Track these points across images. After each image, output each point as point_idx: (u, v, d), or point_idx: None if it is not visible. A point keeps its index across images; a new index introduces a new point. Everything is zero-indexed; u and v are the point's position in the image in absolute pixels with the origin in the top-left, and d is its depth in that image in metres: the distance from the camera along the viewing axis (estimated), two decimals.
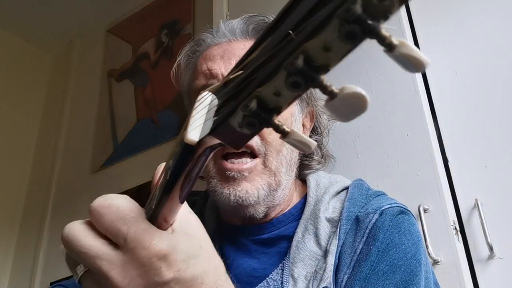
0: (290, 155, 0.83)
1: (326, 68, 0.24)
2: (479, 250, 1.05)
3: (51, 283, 2.10)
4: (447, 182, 1.13)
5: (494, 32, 1.22)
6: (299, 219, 0.83)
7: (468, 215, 1.09)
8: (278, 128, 0.27)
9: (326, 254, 0.75)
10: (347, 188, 0.86)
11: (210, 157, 0.36)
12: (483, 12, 1.25)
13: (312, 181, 0.89)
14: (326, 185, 0.87)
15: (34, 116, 2.82)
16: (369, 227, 0.75)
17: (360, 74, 1.31)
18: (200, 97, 0.35)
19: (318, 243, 0.77)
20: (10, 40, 2.81)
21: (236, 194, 0.77)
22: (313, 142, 0.28)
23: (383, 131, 1.24)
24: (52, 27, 2.84)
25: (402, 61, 0.24)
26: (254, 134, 0.29)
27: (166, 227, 0.44)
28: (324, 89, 0.25)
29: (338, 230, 0.76)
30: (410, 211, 0.82)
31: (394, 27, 0.25)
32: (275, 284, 0.77)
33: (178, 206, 0.42)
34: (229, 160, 0.78)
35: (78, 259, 0.44)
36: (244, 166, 0.77)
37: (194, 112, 0.34)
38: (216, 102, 0.32)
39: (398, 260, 0.71)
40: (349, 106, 0.25)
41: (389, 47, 0.23)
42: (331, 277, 0.72)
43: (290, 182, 0.85)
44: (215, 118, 0.31)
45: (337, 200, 0.84)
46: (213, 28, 0.92)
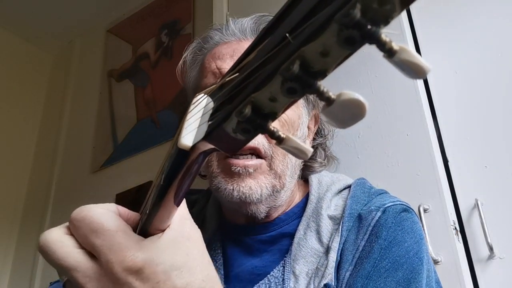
0: (295, 159, 0.83)
1: (323, 74, 0.24)
2: (479, 250, 1.04)
3: (51, 283, 2.10)
4: (447, 182, 1.13)
5: (494, 32, 1.22)
6: (301, 217, 0.83)
7: (468, 215, 1.08)
8: (273, 135, 0.27)
9: (328, 251, 0.75)
10: (349, 186, 0.86)
11: (205, 162, 0.35)
12: (483, 12, 1.25)
13: (314, 179, 0.89)
14: (328, 183, 0.87)
15: (34, 116, 2.82)
16: (371, 224, 0.75)
17: (360, 75, 1.31)
18: (195, 99, 0.34)
19: (320, 240, 0.77)
20: (10, 40, 2.80)
21: (239, 190, 0.76)
22: (309, 149, 0.27)
23: (383, 131, 1.23)
24: (52, 27, 2.83)
25: (402, 67, 0.23)
26: (248, 140, 0.28)
27: (160, 231, 0.44)
28: (321, 95, 0.24)
29: (340, 227, 0.76)
30: (412, 209, 0.82)
31: (395, 32, 0.25)
32: (276, 281, 0.77)
33: (173, 210, 0.42)
34: (234, 157, 0.78)
35: (56, 268, 0.44)
36: (249, 162, 0.77)
37: (189, 116, 0.33)
38: (211, 105, 0.32)
39: (400, 257, 0.71)
40: (347, 113, 0.24)
41: (389, 52, 0.23)
42: (333, 274, 0.72)
43: (292, 184, 0.85)
44: (210, 122, 0.30)
45: (339, 198, 0.84)
46: (222, 26, 0.90)
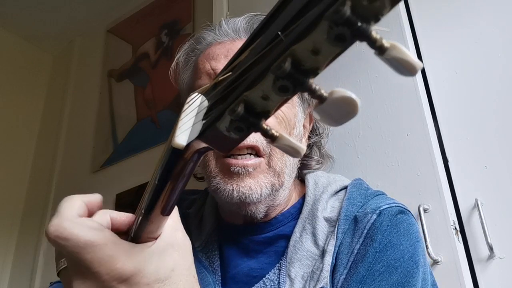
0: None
1: (314, 72, 0.23)
2: (479, 250, 1.04)
3: (51, 283, 2.10)
4: (447, 182, 1.13)
5: (494, 32, 1.21)
6: (298, 218, 0.82)
7: (468, 215, 1.08)
8: (266, 133, 0.27)
9: (323, 254, 0.74)
10: (346, 187, 0.85)
11: (200, 160, 0.35)
12: (483, 12, 1.25)
13: (310, 180, 0.88)
14: (324, 184, 0.87)
15: (34, 116, 2.82)
16: (367, 227, 0.74)
17: (360, 74, 1.31)
18: (189, 98, 0.34)
19: (316, 242, 0.77)
20: (10, 40, 2.81)
21: (239, 190, 0.76)
22: (302, 147, 0.27)
23: (383, 131, 1.23)
24: (52, 27, 2.83)
25: (393, 64, 0.23)
26: (242, 139, 0.28)
27: (152, 238, 0.44)
28: (313, 93, 0.24)
29: (336, 229, 0.76)
30: (409, 211, 0.81)
31: (386, 29, 0.25)
32: (272, 284, 0.76)
33: (165, 218, 0.42)
34: (232, 157, 0.77)
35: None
36: (248, 162, 0.76)
37: (183, 115, 0.33)
38: (206, 104, 0.32)
39: (395, 261, 0.71)
40: (339, 110, 0.24)
41: (379, 50, 0.22)
42: (328, 277, 0.71)
43: (290, 183, 0.84)
44: (204, 121, 0.30)
45: (335, 200, 0.83)
46: (214, 26, 0.90)
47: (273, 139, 0.27)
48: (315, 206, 0.81)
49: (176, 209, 0.49)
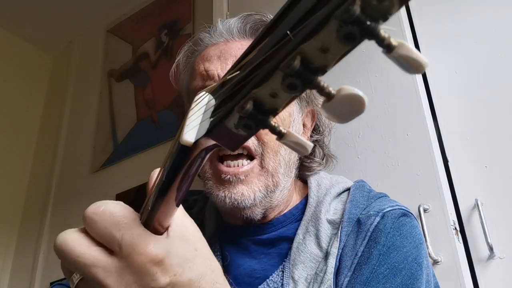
0: (288, 156, 0.82)
1: (323, 70, 0.24)
2: (479, 250, 1.05)
3: (51, 283, 2.10)
4: (447, 182, 1.13)
5: (494, 32, 1.22)
6: (300, 220, 0.82)
7: (468, 215, 1.08)
8: (274, 130, 0.27)
9: (327, 256, 0.74)
10: (348, 189, 0.85)
11: (207, 158, 0.35)
12: (483, 12, 1.25)
13: (313, 182, 0.88)
14: (327, 186, 0.86)
15: (34, 116, 2.82)
16: (370, 229, 0.74)
17: (360, 74, 1.31)
18: (197, 97, 0.35)
19: (319, 245, 0.77)
20: (10, 40, 2.81)
21: (231, 197, 0.76)
22: (309, 144, 0.28)
23: (383, 131, 1.23)
24: (52, 27, 2.83)
25: (401, 62, 0.23)
26: (250, 135, 0.29)
27: (162, 231, 0.44)
28: (321, 90, 0.24)
29: (339, 232, 0.76)
30: (412, 214, 0.81)
31: (393, 28, 0.25)
32: (275, 286, 0.76)
33: (174, 209, 0.42)
34: (225, 163, 0.77)
35: (73, 268, 0.44)
36: (240, 170, 0.76)
37: (191, 113, 0.33)
38: (213, 102, 0.32)
39: (399, 263, 0.71)
40: (346, 108, 0.24)
41: (388, 48, 0.23)
42: (332, 279, 0.71)
43: (289, 183, 0.84)
44: (212, 119, 0.30)
45: (338, 202, 0.83)
46: (211, 27, 0.91)
47: (280, 136, 0.27)
48: (318, 208, 0.81)
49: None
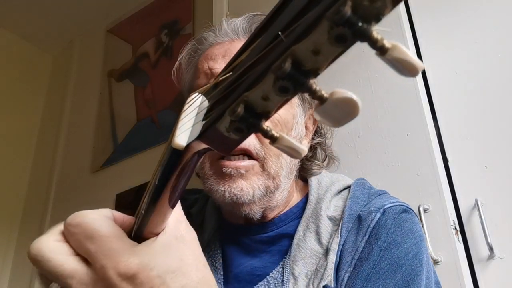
0: (291, 158, 0.82)
1: (315, 72, 0.23)
2: (479, 250, 1.04)
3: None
4: (447, 182, 1.13)
5: (494, 32, 1.21)
6: (301, 217, 0.82)
7: (468, 215, 1.08)
8: (266, 134, 0.26)
9: (327, 252, 0.74)
10: (349, 186, 0.85)
11: (200, 161, 0.35)
12: (483, 12, 1.25)
13: (313, 180, 0.88)
14: (328, 183, 0.87)
15: (34, 116, 2.82)
16: (371, 225, 0.74)
17: (360, 74, 1.31)
18: (189, 99, 0.34)
19: (319, 241, 0.77)
20: (10, 40, 2.81)
21: (231, 191, 0.75)
22: (303, 149, 0.27)
23: (383, 131, 1.23)
24: (52, 27, 2.83)
25: (394, 65, 0.23)
26: (242, 139, 0.28)
27: (155, 234, 0.44)
28: (314, 93, 0.24)
29: (340, 228, 0.76)
30: (412, 210, 0.81)
31: (388, 29, 0.25)
32: (276, 282, 0.76)
33: (168, 211, 0.42)
34: (226, 158, 0.77)
35: (49, 277, 0.44)
36: (241, 164, 0.76)
37: (183, 115, 0.33)
38: (206, 104, 0.31)
39: (399, 259, 0.71)
40: (340, 111, 0.24)
41: (381, 50, 0.22)
42: (332, 275, 0.71)
43: (289, 184, 0.84)
44: (204, 121, 0.30)
45: (339, 199, 0.83)
46: (214, 26, 0.90)
47: (273, 140, 0.27)
48: (319, 205, 0.81)
49: (179, 202, 0.49)
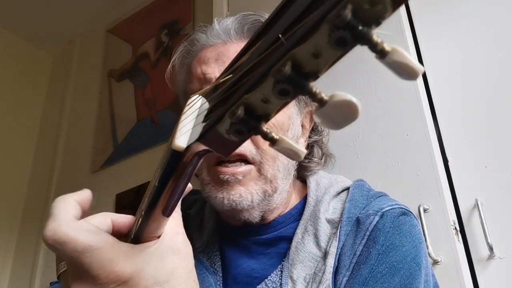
0: (287, 160, 0.82)
1: (315, 75, 0.23)
2: (479, 250, 1.04)
3: (51, 283, 2.10)
4: (447, 182, 1.13)
5: (494, 32, 1.21)
6: (299, 219, 0.82)
7: (468, 215, 1.08)
8: (266, 136, 0.26)
9: (325, 255, 0.74)
10: (347, 188, 0.85)
11: (200, 162, 0.35)
12: (483, 12, 1.25)
13: (312, 181, 0.88)
14: (326, 185, 0.86)
15: (34, 116, 2.82)
16: (369, 229, 0.74)
17: (360, 74, 1.31)
18: (190, 101, 0.34)
19: (318, 244, 0.76)
20: (10, 40, 2.81)
21: (229, 198, 0.75)
22: (302, 151, 0.27)
23: (383, 131, 1.23)
24: (52, 27, 2.83)
25: (394, 68, 0.23)
26: (242, 141, 0.28)
27: (154, 236, 0.44)
28: (314, 96, 0.24)
29: (338, 231, 0.75)
30: (411, 213, 0.81)
31: (389, 33, 0.25)
32: (274, 285, 0.76)
33: (166, 219, 0.42)
34: (223, 165, 0.77)
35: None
36: (238, 170, 0.76)
37: (183, 117, 0.33)
38: (206, 106, 0.32)
39: (397, 262, 0.71)
40: (340, 114, 0.24)
41: (381, 53, 0.22)
42: (331, 279, 0.71)
43: (287, 185, 0.83)
44: (204, 123, 0.30)
45: (337, 201, 0.83)
46: (207, 27, 0.89)
47: (273, 142, 0.27)
48: (317, 208, 0.81)
49: (179, 212, 0.49)
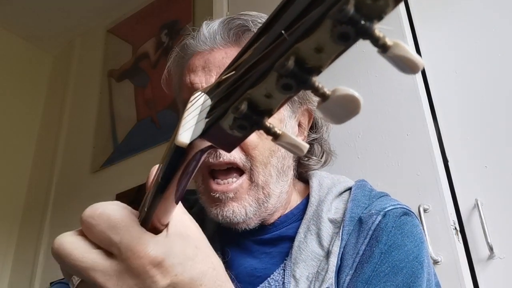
0: (281, 163, 0.82)
1: (318, 70, 0.24)
2: (479, 250, 1.04)
3: (51, 283, 2.10)
4: (447, 182, 1.13)
5: (495, 32, 1.22)
6: (301, 219, 0.82)
7: (468, 215, 1.08)
8: (269, 131, 0.27)
9: (328, 255, 0.75)
10: (350, 188, 0.85)
11: (203, 158, 0.35)
12: (483, 12, 1.25)
13: (315, 181, 0.88)
14: (329, 185, 0.87)
15: (34, 116, 2.82)
16: (372, 228, 0.75)
17: (360, 74, 1.31)
18: (192, 97, 0.34)
19: (320, 243, 0.77)
20: (10, 40, 2.81)
21: (223, 214, 0.77)
22: (305, 145, 0.28)
23: (383, 131, 1.23)
24: (52, 27, 2.84)
25: (396, 62, 0.23)
26: (245, 136, 0.29)
27: (160, 230, 0.44)
28: (316, 91, 0.24)
29: (341, 231, 0.76)
30: (413, 212, 0.81)
31: (390, 27, 0.25)
32: (277, 284, 0.76)
33: (172, 207, 0.42)
34: (215, 180, 0.78)
35: (72, 271, 0.43)
36: (229, 187, 0.77)
37: (186, 114, 0.33)
38: (209, 102, 0.32)
39: (400, 262, 0.71)
40: (342, 108, 0.24)
41: (383, 48, 0.23)
42: (333, 278, 0.71)
43: (286, 187, 0.84)
44: (207, 119, 0.30)
45: (340, 201, 0.83)
46: (195, 31, 0.87)
47: (275, 137, 0.27)
48: (320, 207, 0.81)
49: (180, 204, 0.49)
